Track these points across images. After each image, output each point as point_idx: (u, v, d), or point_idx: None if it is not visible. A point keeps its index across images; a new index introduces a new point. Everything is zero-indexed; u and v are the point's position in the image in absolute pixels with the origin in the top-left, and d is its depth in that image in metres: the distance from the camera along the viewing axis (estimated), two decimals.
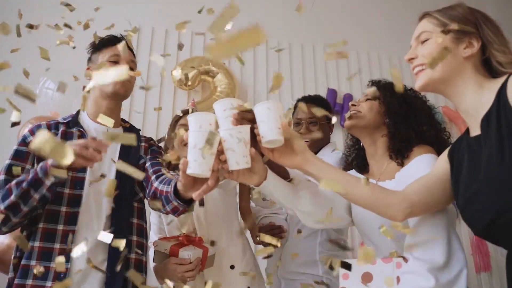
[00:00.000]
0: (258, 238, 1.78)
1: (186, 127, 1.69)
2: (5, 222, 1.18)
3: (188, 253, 1.45)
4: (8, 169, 1.24)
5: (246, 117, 1.03)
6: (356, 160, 1.41)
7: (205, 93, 3.07)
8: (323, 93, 3.33)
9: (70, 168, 1.11)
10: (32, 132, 1.33)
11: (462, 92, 1.00)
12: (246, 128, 0.98)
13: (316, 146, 1.83)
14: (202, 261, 1.49)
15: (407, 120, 1.27)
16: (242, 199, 1.87)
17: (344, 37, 3.99)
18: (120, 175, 1.33)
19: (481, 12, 1.05)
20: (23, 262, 1.20)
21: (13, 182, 1.18)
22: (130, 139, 0.78)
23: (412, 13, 1.34)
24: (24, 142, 1.30)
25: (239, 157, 0.96)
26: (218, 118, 1.03)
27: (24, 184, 1.14)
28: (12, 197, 1.15)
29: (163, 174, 1.34)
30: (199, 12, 1.31)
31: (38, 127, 1.36)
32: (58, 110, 2.38)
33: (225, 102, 1.03)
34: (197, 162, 0.93)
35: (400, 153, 1.25)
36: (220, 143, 0.97)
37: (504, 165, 0.86)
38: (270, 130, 0.98)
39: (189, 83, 2.93)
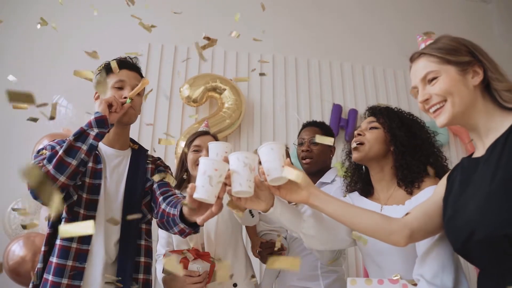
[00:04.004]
0: (257, 251, 1.84)
1: (199, 148, 1.76)
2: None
3: (197, 266, 1.57)
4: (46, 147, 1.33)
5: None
6: (360, 183, 1.44)
7: (213, 109, 3.13)
8: (329, 109, 3.39)
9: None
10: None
11: (476, 119, 1.03)
12: (254, 156, 1.04)
13: (317, 166, 1.91)
14: (209, 274, 1.59)
15: (415, 152, 1.30)
16: None
17: (350, 52, 4.02)
18: (127, 200, 1.38)
19: (466, 40, 1.08)
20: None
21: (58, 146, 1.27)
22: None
23: (417, 28, 1.37)
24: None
25: (243, 180, 1.01)
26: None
27: (70, 137, 1.24)
28: (60, 152, 1.20)
29: (170, 196, 1.38)
30: None
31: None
32: (70, 127, 2.45)
33: (219, 146, 1.15)
34: (204, 188, 0.98)
35: (411, 183, 1.28)
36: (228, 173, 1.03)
37: (492, 187, 0.89)
38: (275, 169, 1.04)
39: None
